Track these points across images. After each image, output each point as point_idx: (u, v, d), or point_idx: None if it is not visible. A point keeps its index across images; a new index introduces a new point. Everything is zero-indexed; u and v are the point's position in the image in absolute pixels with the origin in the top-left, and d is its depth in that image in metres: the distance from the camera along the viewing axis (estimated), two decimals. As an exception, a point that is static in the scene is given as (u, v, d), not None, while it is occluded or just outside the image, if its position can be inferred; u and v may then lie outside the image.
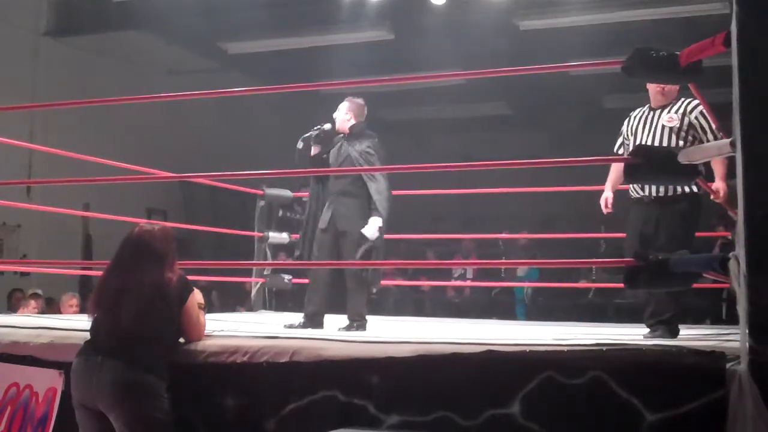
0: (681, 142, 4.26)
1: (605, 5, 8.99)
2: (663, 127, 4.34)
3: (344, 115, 5.12)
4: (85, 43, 10.53)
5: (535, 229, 10.36)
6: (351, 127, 5.11)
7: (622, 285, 3.51)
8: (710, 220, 8.93)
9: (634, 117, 4.54)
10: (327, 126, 5.20)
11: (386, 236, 4.95)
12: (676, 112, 4.35)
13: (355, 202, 4.90)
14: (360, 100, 5.16)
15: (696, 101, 4.25)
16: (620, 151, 4.63)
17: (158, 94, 5.67)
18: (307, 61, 10.88)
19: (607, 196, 4.68)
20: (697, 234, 4.47)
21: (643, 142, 4.34)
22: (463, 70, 8.44)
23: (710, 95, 3.97)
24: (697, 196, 4.27)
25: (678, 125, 4.31)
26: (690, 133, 4.29)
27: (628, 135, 4.53)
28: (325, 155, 5.16)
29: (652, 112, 4.44)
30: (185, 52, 11.52)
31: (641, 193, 4.36)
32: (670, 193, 4.25)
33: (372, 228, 4.78)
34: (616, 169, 4.63)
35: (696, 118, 4.29)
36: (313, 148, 5.21)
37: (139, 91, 5.38)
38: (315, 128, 5.20)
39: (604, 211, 4.70)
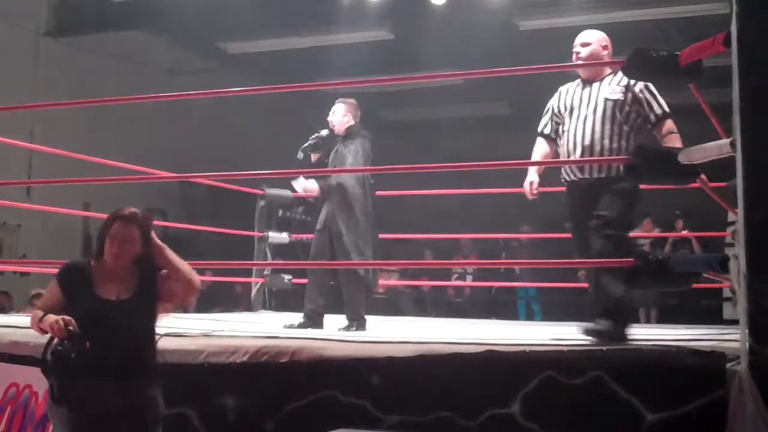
0: (623, 117, 3.96)
1: (605, 5, 8.98)
2: (606, 100, 3.99)
3: (342, 117, 5.12)
4: (85, 43, 10.52)
5: (536, 229, 10.34)
6: (347, 129, 5.11)
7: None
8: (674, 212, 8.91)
9: (566, 92, 4.15)
10: (324, 132, 5.20)
11: (386, 236, 4.95)
12: (618, 83, 3.98)
13: None
14: (353, 101, 5.17)
15: None
16: (546, 131, 4.25)
17: (158, 94, 5.67)
18: (307, 61, 10.87)
19: (533, 179, 4.20)
20: (702, 234, 4.41)
21: (583, 117, 4.00)
22: (463, 70, 8.42)
23: (710, 95, 3.96)
24: None
25: (621, 98, 3.97)
26: (634, 108, 3.97)
27: (560, 112, 4.17)
28: (325, 159, 5.16)
29: (588, 87, 4.06)
30: (185, 52, 11.51)
31: (579, 175, 3.99)
32: (614, 174, 3.90)
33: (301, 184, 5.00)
34: (541, 151, 4.26)
35: (641, 91, 3.94)
36: (312, 155, 5.22)
37: (139, 91, 5.38)
38: (312, 137, 5.20)
39: (529, 196, 4.22)
